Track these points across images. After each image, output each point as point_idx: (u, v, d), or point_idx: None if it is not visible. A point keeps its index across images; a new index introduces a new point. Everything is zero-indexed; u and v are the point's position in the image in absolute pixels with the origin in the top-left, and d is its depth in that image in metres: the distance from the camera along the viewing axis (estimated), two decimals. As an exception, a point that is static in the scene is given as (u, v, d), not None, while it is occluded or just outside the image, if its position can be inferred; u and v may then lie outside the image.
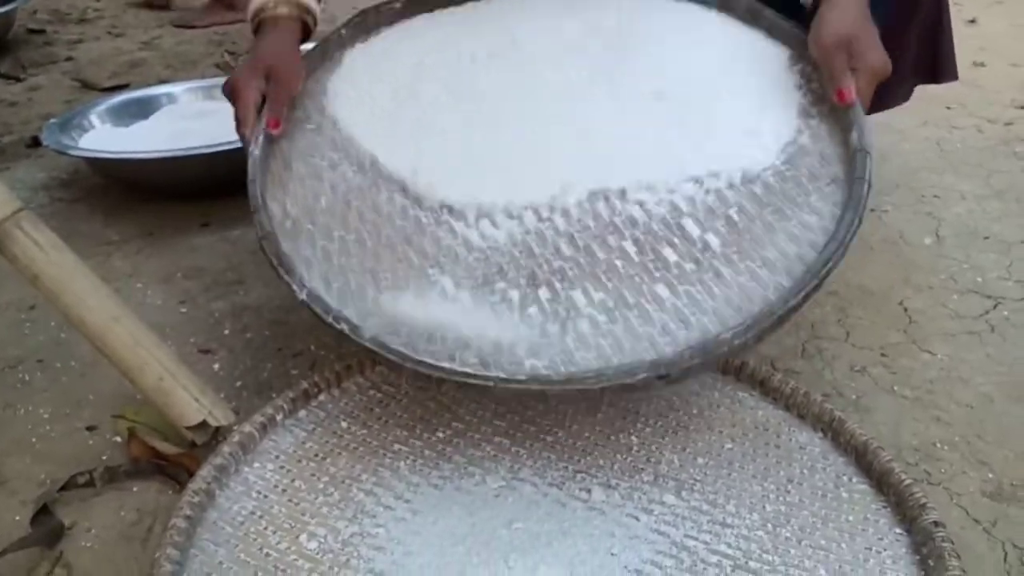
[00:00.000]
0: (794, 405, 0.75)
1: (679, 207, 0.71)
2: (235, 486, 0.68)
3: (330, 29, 0.89)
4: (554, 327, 0.66)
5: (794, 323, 0.93)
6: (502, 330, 0.66)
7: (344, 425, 0.74)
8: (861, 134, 0.70)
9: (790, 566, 0.60)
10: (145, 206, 1.24)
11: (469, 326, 0.66)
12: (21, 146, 1.49)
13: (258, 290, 1.03)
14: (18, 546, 0.67)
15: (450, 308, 0.68)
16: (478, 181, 0.75)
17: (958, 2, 2.06)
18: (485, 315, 0.67)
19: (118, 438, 0.79)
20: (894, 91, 1.02)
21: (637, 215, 0.71)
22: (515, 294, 0.68)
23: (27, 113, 1.68)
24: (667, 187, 0.72)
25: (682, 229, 0.70)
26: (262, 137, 0.75)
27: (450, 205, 0.74)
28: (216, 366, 0.89)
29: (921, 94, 1.10)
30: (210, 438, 0.76)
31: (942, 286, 1.00)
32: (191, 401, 0.75)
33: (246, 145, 0.75)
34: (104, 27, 2.36)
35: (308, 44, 0.86)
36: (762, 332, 0.63)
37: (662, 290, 0.67)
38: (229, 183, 1.06)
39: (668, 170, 0.73)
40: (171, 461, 0.75)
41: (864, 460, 0.68)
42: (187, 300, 1.02)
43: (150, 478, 0.74)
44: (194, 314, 0.99)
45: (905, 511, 0.63)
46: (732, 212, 0.71)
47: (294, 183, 0.76)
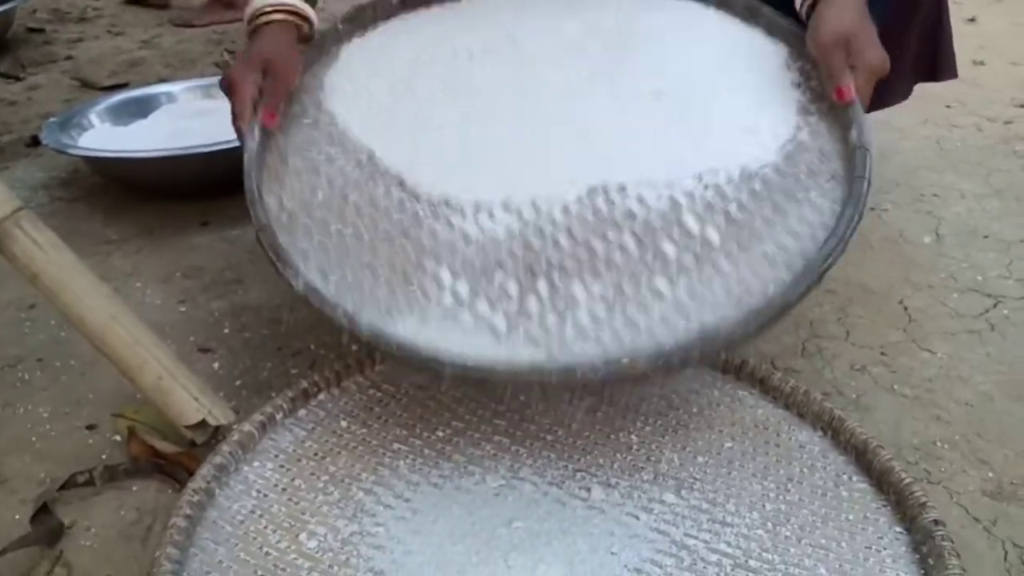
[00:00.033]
0: (794, 404, 0.75)
1: (678, 202, 0.71)
2: (235, 485, 0.68)
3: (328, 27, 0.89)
4: (553, 319, 0.66)
5: (794, 322, 0.93)
6: (500, 322, 0.66)
7: (344, 424, 0.74)
8: (860, 131, 0.70)
9: (790, 565, 0.60)
10: (144, 205, 1.24)
11: (467, 317, 0.66)
12: (20, 145, 1.49)
13: (257, 289, 1.03)
14: (18, 545, 0.67)
15: (448, 299, 0.67)
16: (476, 176, 0.75)
17: (958, 0, 2.06)
18: (483, 307, 0.67)
19: (118, 437, 0.79)
20: (893, 89, 1.02)
21: (636, 210, 0.71)
22: (513, 286, 0.68)
23: (26, 112, 1.67)
24: (666, 183, 0.72)
25: (681, 224, 0.70)
26: (258, 131, 0.75)
27: (448, 199, 0.74)
28: (215, 365, 0.89)
29: (921, 92, 1.10)
30: (210, 437, 0.76)
31: (942, 285, 1.00)
32: (190, 400, 0.75)
33: (242, 139, 0.75)
34: (103, 26, 2.36)
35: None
36: (762, 324, 0.63)
37: (661, 283, 0.67)
38: (228, 182, 1.06)
39: (667, 167, 0.73)
40: (171, 460, 0.75)
41: (864, 459, 0.68)
42: (186, 299, 1.02)
43: (150, 477, 0.74)
44: (193, 313, 0.99)
45: (905, 510, 0.63)
46: (731, 208, 0.70)
47: (290, 177, 0.75)
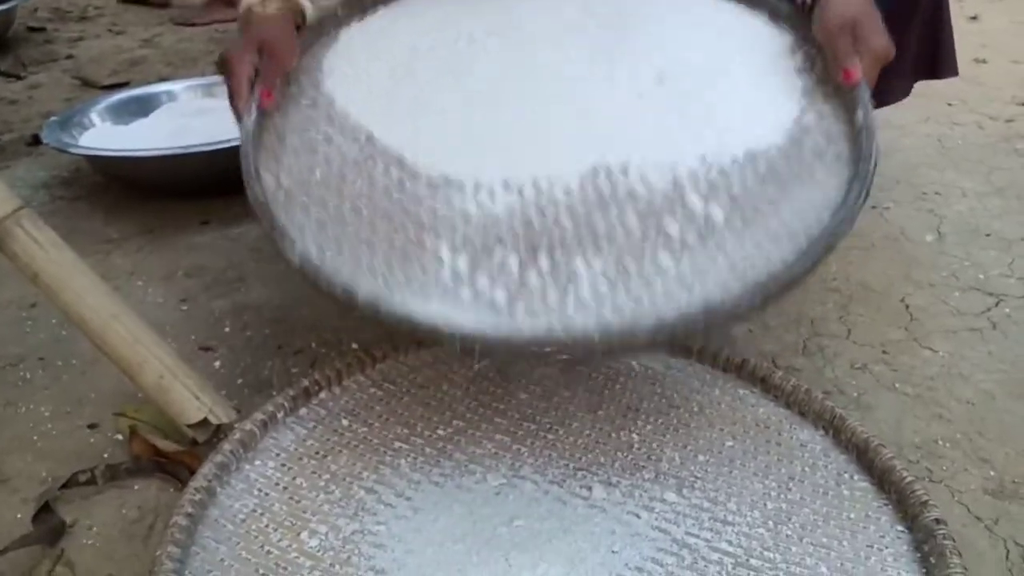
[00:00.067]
0: (795, 403, 0.75)
1: (681, 182, 0.70)
2: (236, 484, 0.68)
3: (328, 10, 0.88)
4: (554, 294, 0.65)
5: (795, 320, 0.93)
6: (501, 296, 0.65)
7: (345, 423, 0.74)
8: (866, 113, 0.70)
9: (791, 564, 0.60)
10: (145, 204, 1.24)
11: (467, 293, 0.66)
12: (21, 144, 1.49)
13: (258, 288, 1.03)
14: (20, 544, 0.67)
15: (447, 275, 0.67)
16: (476, 156, 0.74)
17: (959, -2, 2.06)
18: (483, 282, 0.66)
19: (119, 436, 0.79)
20: (893, 87, 1.02)
21: (639, 190, 0.71)
22: (514, 262, 0.67)
23: (27, 111, 1.68)
24: (669, 164, 0.72)
25: (684, 203, 0.69)
26: (255, 109, 0.74)
27: (448, 178, 0.73)
28: (217, 364, 0.89)
29: (922, 90, 1.10)
30: (211, 436, 0.76)
31: (943, 283, 1.00)
32: (192, 399, 0.75)
33: (240, 119, 0.74)
34: (104, 25, 2.36)
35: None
36: (768, 297, 0.63)
37: (664, 259, 0.66)
38: (229, 181, 1.05)
39: (670, 148, 0.73)
40: (172, 459, 0.75)
41: (865, 457, 0.68)
42: (187, 298, 1.02)
43: (151, 476, 0.74)
44: (194, 312, 0.99)
45: (906, 508, 0.63)
46: (735, 188, 0.70)
47: (288, 155, 0.75)
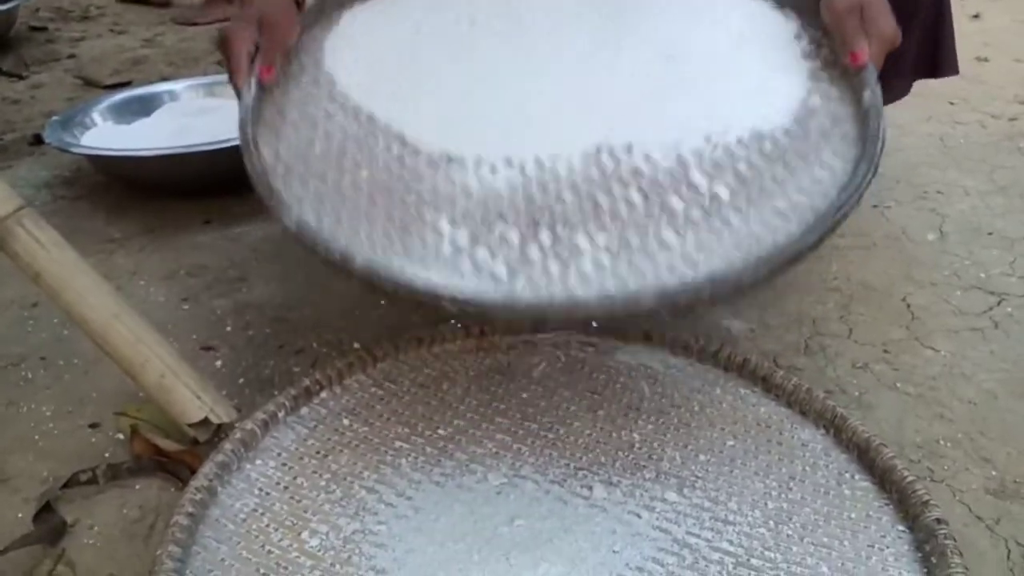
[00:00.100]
0: (796, 402, 0.75)
1: (686, 160, 0.70)
2: (237, 483, 0.68)
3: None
4: (555, 267, 0.65)
5: (796, 319, 0.93)
6: (501, 269, 0.65)
7: (346, 422, 0.74)
8: (873, 94, 0.70)
9: (792, 563, 0.60)
10: (147, 203, 1.24)
11: (467, 265, 0.65)
12: (23, 144, 1.49)
13: (260, 287, 1.03)
14: (20, 543, 0.67)
15: (447, 248, 0.66)
16: (478, 134, 0.74)
17: (962, -3, 2.06)
18: (484, 254, 0.66)
19: (120, 435, 0.79)
20: (893, 86, 1.02)
21: (643, 167, 0.70)
22: (515, 235, 0.67)
23: (29, 111, 1.68)
24: (673, 143, 0.71)
25: (689, 181, 0.69)
26: (255, 84, 0.74)
27: (449, 154, 0.73)
28: (218, 363, 0.89)
29: (923, 89, 1.10)
30: (212, 435, 0.76)
31: (945, 282, 1.00)
32: (193, 398, 0.75)
33: (239, 94, 0.74)
34: (106, 24, 2.36)
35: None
36: (774, 270, 0.62)
37: (668, 234, 0.66)
38: (231, 180, 1.06)
39: (675, 128, 0.72)
40: (173, 458, 0.75)
41: (866, 457, 0.68)
42: (189, 297, 1.02)
43: (152, 475, 0.74)
44: (196, 311, 0.99)
45: (908, 508, 0.63)
46: (741, 166, 0.69)
47: (287, 129, 0.74)
